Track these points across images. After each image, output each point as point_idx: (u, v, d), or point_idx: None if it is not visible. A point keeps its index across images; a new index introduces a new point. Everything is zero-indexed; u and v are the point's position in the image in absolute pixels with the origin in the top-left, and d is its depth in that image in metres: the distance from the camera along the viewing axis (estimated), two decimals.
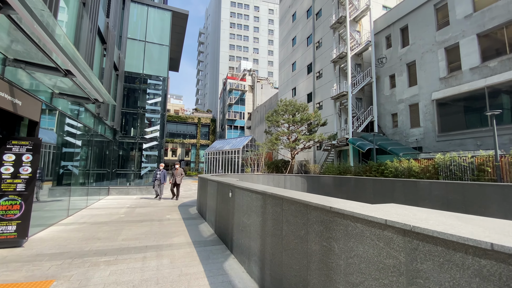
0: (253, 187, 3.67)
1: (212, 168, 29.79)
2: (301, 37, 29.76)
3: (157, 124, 13.54)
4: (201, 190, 8.41)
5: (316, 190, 12.74)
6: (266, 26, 73.72)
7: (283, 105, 20.63)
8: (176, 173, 11.49)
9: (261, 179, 13.22)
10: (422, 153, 16.17)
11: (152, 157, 13.76)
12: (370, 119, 20.84)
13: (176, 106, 62.56)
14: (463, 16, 15.50)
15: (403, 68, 19.36)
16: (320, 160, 23.36)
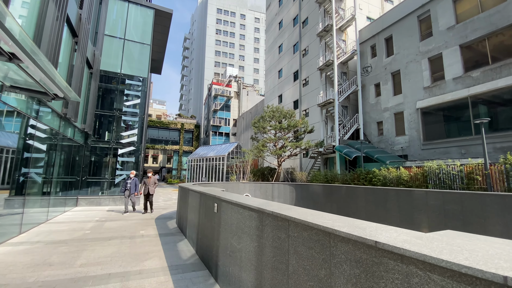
0: (245, 202, 2.92)
1: (195, 175, 28.55)
2: (287, 45, 29.76)
3: (135, 128, 12.46)
4: (181, 201, 7.50)
5: (305, 199, 12.15)
6: (252, 34, 74.20)
7: (270, 111, 20.13)
8: (149, 182, 10.15)
9: (248, 188, 12.44)
10: (408, 161, 16.17)
11: (128, 164, 12.59)
12: (356, 127, 20.80)
13: (158, 111, 60.62)
14: (445, 27, 15.90)
15: (388, 77, 19.58)
16: (307, 167, 22.96)
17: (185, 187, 6.95)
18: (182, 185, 7.76)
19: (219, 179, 24.74)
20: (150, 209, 10.42)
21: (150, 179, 10.22)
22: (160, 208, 11.44)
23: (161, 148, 45.32)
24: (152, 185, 10.22)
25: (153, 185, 10.25)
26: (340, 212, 10.73)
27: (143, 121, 12.59)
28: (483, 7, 14.26)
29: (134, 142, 12.34)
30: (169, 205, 12.58)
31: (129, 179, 10.14)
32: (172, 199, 15.67)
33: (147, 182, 10.16)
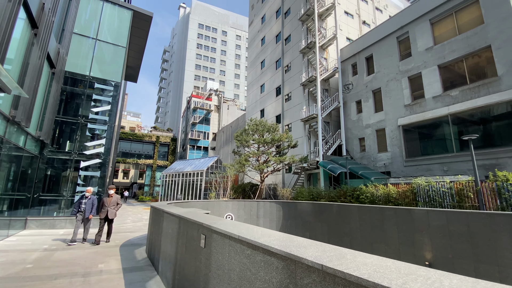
0: (256, 239, 1.91)
1: (170, 192, 26.50)
2: (270, 61, 29.84)
3: (103, 137, 10.92)
4: (154, 226, 6.19)
5: (293, 218, 11.19)
6: (233, 51, 75.00)
7: (253, 124, 19.37)
8: (109, 202, 7.81)
9: (230, 207, 11.23)
10: (392, 178, 16.00)
11: (93, 179, 10.88)
12: (338, 143, 20.64)
13: (132, 123, 57.55)
14: (424, 48, 16.54)
15: (369, 95, 19.88)
16: (290, 183, 22.19)
17: (158, 208, 5.70)
18: (154, 205, 6.46)
19: (197, 196, 23.04)
20: (106, 238, 8.13)
21: (111, 199, 7.88)
22: (128, 231, 9.80)
23: (133, 162, 42.39)
24: (113, 206, 7.88)
25: (114, 206, 7.92)
26: (332, 234, 9.88)
27: (113, 130, 11.11)
28: (460, 30, 15.02)
29: (100, 153, 10.74)
30: (138, 227, 10.92)
31: (84, 198, 7.89)
32: (142, 219, 13.88)
33: (107, 202, 7.81)
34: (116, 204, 8.01)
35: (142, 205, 27.51)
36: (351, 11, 26.42)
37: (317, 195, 15.64)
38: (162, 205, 6.09)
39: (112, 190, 8.07)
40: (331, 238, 9.83)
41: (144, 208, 23.00)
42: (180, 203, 9.13)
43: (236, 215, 11.27)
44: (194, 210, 5.19)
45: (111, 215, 7.90)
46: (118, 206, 8.08)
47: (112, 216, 7.93)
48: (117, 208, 8.06)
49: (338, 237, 9.56)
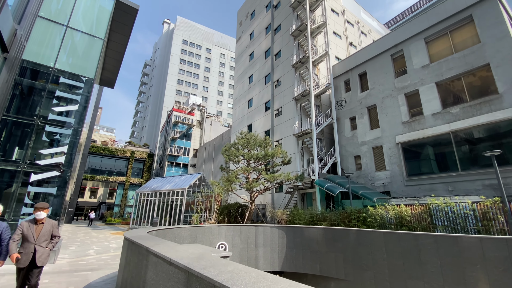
0: None
1: (144, 214, 23.39)
2: (258, 76, 29.05)
3: (65, 144, 8.62)
4: (130, 270, 4.11)
5: (299, 247, 9.35)
6: (217, 68, 74.70)
7: (244, 138, 17.72)
8: (36, 235, 4.26)
9: (224, 233, 9.15)
10: (393, 198, 14.85)
11: (47, 197, 8.38)
12: (333, 161, 19.52)
13: (105, 137, 53.30)
14: (420, 66, 16.38)
15: (363, 111, 19.30)
16: (281, 204, 20.38)
17: (139, 244, 3.69)
18: (131, 236, 4.44)
19: (175, 219, 20.33)
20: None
21: (39, 228, 4.32)
22: (88, 268, 7.33)
23: (103, 179, 38.27)
24: (44, 242, 4.31)
25: (47, 241, 4.35)
26: (350, 267, 8.16)
27: (79, 137, 8.86)
28: (456, 48, 15.02)
29: (59, 164, 8.38)
30: (104, 261, 8.43)
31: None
32: (110, 249, 11.20)
33: (32, 234, 4.21)
34: (50, 238, 4.38)
35: (111, 228, 23.93)
36: (339, 32, 26.77)
37: (317, 218, 14.00)
38: (142, 237, 4.10)
39: (43, 213, 4.36)
40: (349, 272, 8.10)
41: (112, 232, 19.74)
42: (163, 230, 7.01)
43: (230, 244, 9.22)
44: (205, 251, 3.34)
45: (41, 258, 4.23)
46: (53, 241, 4.44)
47: (43, 261, 4.26)
48: (52, 245, 4.40)
49: (358, 270, 7.86)
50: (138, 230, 5.69)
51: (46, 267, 6.90)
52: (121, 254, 5.04)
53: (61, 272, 6.57)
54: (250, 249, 9.44)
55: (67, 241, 13.66)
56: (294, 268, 9.07)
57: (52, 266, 7.11)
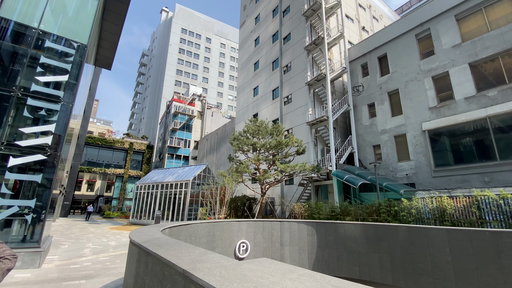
0: None
1: (145, 207, 21.94)
2: (265, 62, 27.32)
3: (52, 122, 7.05)
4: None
5: (332, 246, 7.95)
6: (217, 58, 72.49)
7: (254, 126, 16.17)
8: None
9: (245, 230, 7.73)
10: (420, 191, 13.47)
11: (32, 186, 6.84)
12: (350, 151, 18.07)
13: (102, 129, 51.45)
14: (450, 45, 14.83)
15: (384, 97, 17.79)
16: (292, 197, 18.99)
17: (168, 262, 2.15)
18: (145, 242, 2.93)
19: (179, 213, 18.90)
20: None
21: None
22: (81, 275, 5.85)
23: (100, 171, 36.68)
24: None
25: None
26: (399, 271, 6.76)
27: (69, 112, 7.27)
28: (492, 26, 13.47)
29: (45, 146, 6.82)
30: (102, 264, 6.95)
31: None
32: (109, 247, 9.73)
33: None
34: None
35: (109, 223, 22.48)
36: (351, 15, 25.05)
37: (339, 212, 12.60)
38: (162, 242, 2.63)
39: None
40: (398, 276, 6.73)
41: (111, 227, 18.29)
42: (177, 228, 5.54)
43: (252, 242, 7.82)
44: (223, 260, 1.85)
45: None
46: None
47: None
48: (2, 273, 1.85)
49: (411, 275, 6.48)
50: (149, 229, 4.22)
51: (27, 274, 5.42)
52: (126, 267, 3.57)
53: (45, 282, 5.09)
54: (274, 249, 8.06)
55: (60, 237, 12.18)
56: (327, 270, 7.72)
57: (36, 273, 5.64)
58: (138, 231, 3.92)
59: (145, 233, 3.53)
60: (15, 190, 6.45)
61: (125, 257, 7.85)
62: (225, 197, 17.97)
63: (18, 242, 6.05)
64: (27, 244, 6.09)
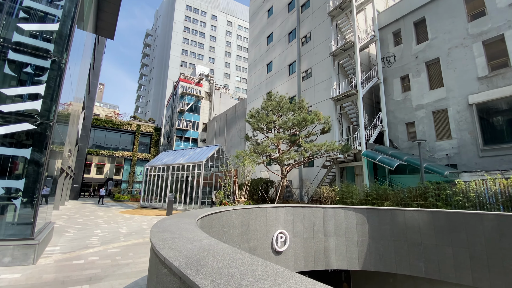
0: None
1: (156, 190, 20.92)
2: (280, 33, 25.00)
3: (41, 81, 5.55)
4: None
5: (390, 238, 6.53)
6: (224, 37, 69.23)
7: (274, 101, 14.45)
8: None
9: (282, 217, 6.36)
10: (465, 173, 11.80)
11: (15, 163, 5.45)
12: (379, 129, 16.28)
13: (108, 111, 50.26)
14: (506, 4, 12.53)
15: (420, 68, 15.70)
16: (313, 180, 17.55)
17: None
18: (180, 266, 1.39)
19: (192, 197, 17.76)
20: None
21: None
22: (85, 276, 4.55)
23: (109, 154, 35.83)
24: None
25: None
26: (484, 268, 5.30)
27: (63, 72, 5.73)
28: None
29: (35, 113, 5.36)
30: (111, 259, 5.67)
31: None
32: (119, 235, 8.52)
33: None
34: None
35: (119, 206, 21.67)
36: None
37: (375, 196, 11.09)
38: (214, 257, 1.06)
39: None
40: (481, 276, 5.30)
41: (121, 211, 17.34)
42: (209, 217, 4.15)
43: (291, 232, 6.47)
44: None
45: None
46: None
47: None
48: None
49: (501, 275, 5.04)
50: (179, 222, 2.82)
51: (16, 275, 4.13)
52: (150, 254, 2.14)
53: (37, 285, 3.79)
54: (317, 240, 6.70)
55: (66, 222, 11.11)
56: (381, 266, 6.38)
57: (28, 272, 4.36)
58: (163, 228, 2.52)
59: (180, 236, 2.11)
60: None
61: (138, 248, 6.59)
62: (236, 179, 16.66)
63: (5, 233, 4.74)
64: (17, 236, 4.78)
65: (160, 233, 2.24)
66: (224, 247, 1.76)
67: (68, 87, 6.77)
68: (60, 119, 6.66)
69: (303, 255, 6.50)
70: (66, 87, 6.44)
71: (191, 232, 2.28)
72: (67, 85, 6.49)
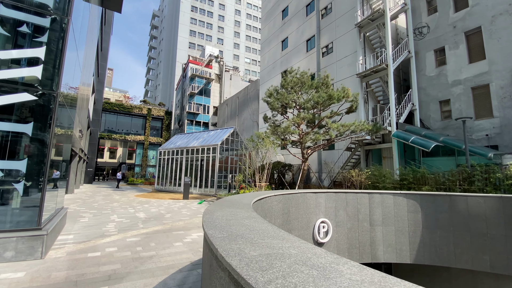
0: None
1: (170, 174, 20.48)
2: (296, 6, 23.13)
3: (41, 44, 4.68)
4: None
5: (448, 227, 5.65)
6: (233, 16, 66.40)
7: (294, 78, 13.24)
8: None
9: (323, 204, 5.45)
10: (508, 154, 10.56)
11: (15, 141, 4.70)
12: (410, 108, 14.92)
13: (118, 96, 49.83)
14: None
15: (459, 38, 13.99)
16: (334, 163, 16.57)
17: None
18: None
19: (209, 181, 17.17)
20: None
21: None
22: (103, 273, 3.85)
23: (121, 138, 35.66)
24: None
25: None
26: None
27: (65, 33, 4.83)
28: None
29: (35, 82, 4.53)
30: (131, 250, 4.99)
31: None
32: (137, 221, 7.92)
33: None
34: None
35: (134, 189, 21.48)
36: None
37: (414, 180, 10.07)
38: None
39: None
40: None
41: (136, 195, 17.01)
42: (256, 203, 3.34)
43: (333, 221, 5.67)
44: None
45: None
46: None
47: None
48: None
49: None
50: (237, 213, 1.99)
51: (19, 274, 3.46)
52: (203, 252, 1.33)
53: (45, 287, 3.11)
54: (362, 230, 5.88)
55: (81, 206, 10.68)
56: (437, 259, 5.54)
57: (35, 268, 3.70)
58: (214, 224, 1.67)
59: (234, 220, 1.26)
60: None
61: (159, 237, 5.92)
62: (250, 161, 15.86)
63: (6, 223, 4.06)
64: (21, 226, 4.10)
65: (216, 232, 1.40)
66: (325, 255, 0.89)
67: (73, 56, 5.87)
68: (68, 96, 5.84)
69: (347, 246, 5.70)
70: (71, 56, 5.55)
71: (272, 237, 1.43)
72: (72, 52, 5.59)
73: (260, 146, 11.86)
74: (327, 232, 5.62)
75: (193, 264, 4.14)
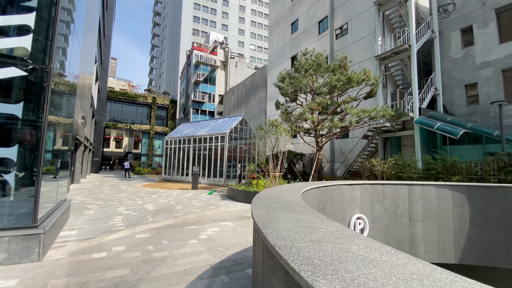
0: None
1: (177, 163, 19.98)
2: None
3: (30, 8, 3.97)
4: None
5: (504, 223, 4.97)
6: (237, 1, 64.13)
7: (310, 60, 12.29)
8: None
9: (358, 198, 4.80)
10: None
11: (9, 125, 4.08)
12: (432, 93, 13.91)
13: (123, 85, 49.11)
14: None
15: (488, 16, 12.78)
16: (349, 152, 15.80)
17: None
18: None
19: (218, 170, 16.60)
20: None
21: None
22: (109, 279, 3.26)
23: (126, 128, 35.21)
24: None
25: None
26: None
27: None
28: None
29: (24, 53, 3.83)
30: (141, 249, 4.40)
31: None
32: (146, 214, 7.37)
33: None
34: None
35: (141, 179, 21.12)
36: None
37: (443, 170, 9.28)
38: None
39: None
40: None
41: (144, 185, 16.59)
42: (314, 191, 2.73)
43: (369, 217, 5.04)
44: None
45: None
46: None
47: None
48: None
49: None
50: (287, 212, 1.36)
51: (11, 282, 2.87)
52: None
53: None
54: (401, 226, 5.23)
55: (86, 197, 10.21)
56: (486, 260, 4.90)
57: (30, 273, 3.13)
58: (267, 223, 1.09)
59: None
60: None
61: (171, 233, 5.35)
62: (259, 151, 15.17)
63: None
64: (14, 223, 3.51)
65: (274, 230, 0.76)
66: None
67: (68, 31, 5.13)
68: (64, 74, 5.14)
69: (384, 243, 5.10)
70: (66, 31, 4.80)
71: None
72: (66, 25, 4.84)
73: (273, 134, 11.14)
74: (363, 229, 4.98)
75: (214, 269, 3.54)
